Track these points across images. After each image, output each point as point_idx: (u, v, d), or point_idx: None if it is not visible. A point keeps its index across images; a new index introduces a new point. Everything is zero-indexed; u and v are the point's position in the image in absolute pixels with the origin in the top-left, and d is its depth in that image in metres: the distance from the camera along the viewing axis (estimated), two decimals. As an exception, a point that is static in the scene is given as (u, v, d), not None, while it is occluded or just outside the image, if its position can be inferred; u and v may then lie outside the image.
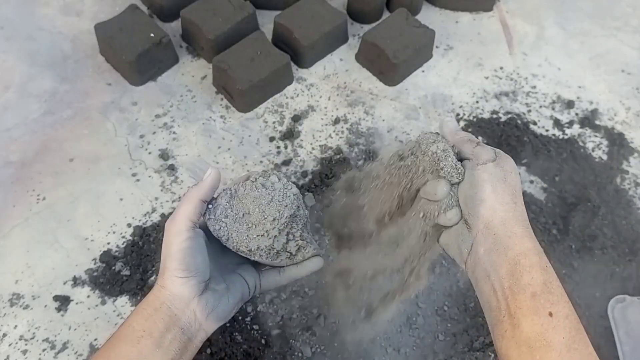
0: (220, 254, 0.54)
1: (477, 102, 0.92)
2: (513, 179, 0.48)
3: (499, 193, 0.47)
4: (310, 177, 0.83)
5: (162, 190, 0.81)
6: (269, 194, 0.53)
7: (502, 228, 0.46)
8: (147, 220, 0.78)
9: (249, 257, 0.53)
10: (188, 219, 0.49)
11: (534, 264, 0.45)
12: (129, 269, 0.74)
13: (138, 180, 0.82)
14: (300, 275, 0.56)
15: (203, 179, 0.51)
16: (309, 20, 0.91)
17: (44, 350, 0.68)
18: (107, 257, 0.74)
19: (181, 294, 0.47)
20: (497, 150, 0.51)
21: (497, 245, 0.45)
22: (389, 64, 0.90)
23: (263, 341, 0.69)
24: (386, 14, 1.02)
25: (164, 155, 0.84)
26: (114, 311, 0.71)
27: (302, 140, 0.87)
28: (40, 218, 0.78)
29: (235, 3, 0.92)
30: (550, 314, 0.43)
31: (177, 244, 0.48)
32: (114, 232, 0.77)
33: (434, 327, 0.71)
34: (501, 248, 0.45)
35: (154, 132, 0.86)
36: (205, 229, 0.52)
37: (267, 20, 0.97)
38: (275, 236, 0.52)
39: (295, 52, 0.92)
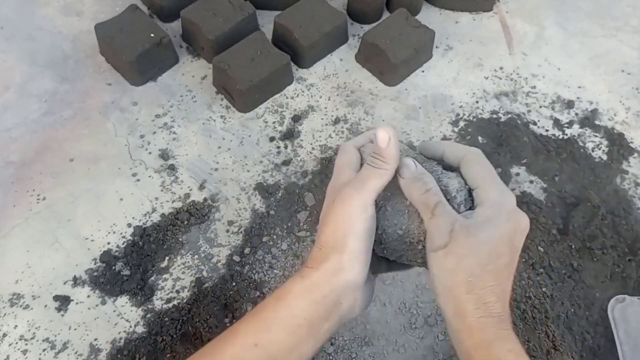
0: None
1: (477, 102, 0.92)
2: (468, 264, 0.41)
3: (448, 287, 0.42)
4: (310, 177, 0.83)
5: (162, 190, 0.81)
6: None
7: (455, 321, 0.43)
8: (147, 220, 0.78)
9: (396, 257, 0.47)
10: (376, 192, 0.43)
11: (483, 357, 0.41)
12: (129, 269, 0.74)
13: (138, 180, 0.82)
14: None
15: (383, 155, 0.43)
16: (309, 21, 0.91)
17: (44, 350, 0.68)
18: (107, 257, 0.74)
19: (355, 281, 0.42)
20: (454, 222, 0.42)
21: (454, 335, 0.44)
22: (389, 64, 0.90)
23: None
24: (386, 14, 1.02)
25: (164, 155, 0.84)
26: (114, 311, 0.71)
27: (302, 140, 0.87)
28: (40, 218, 0.78)
29: (236, 3, 0.92)
30: None
31: (362, 221, 0.42)
32: (114, 232, 0.77)
33: (434, 327, 0.71)
34: (457, 340, 0.43)
35: (154, 132, 0.87)
36: None
37: (267, 21, 0.97)
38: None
39: (295, 52, 0.92)
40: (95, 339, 0.69)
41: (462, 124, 0.89)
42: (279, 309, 0.42)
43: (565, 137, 0.88)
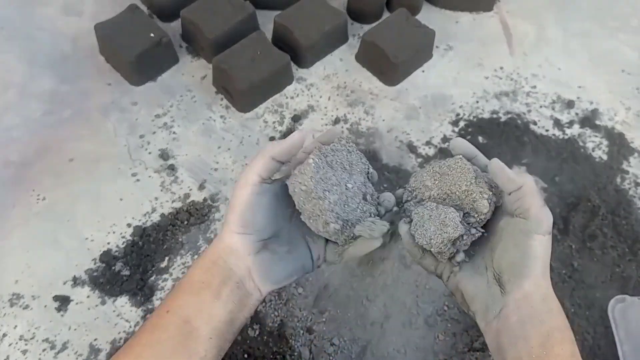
0: (290, 216, 0.52)
1: (477, 102, 0.92)
2: (549, 247, 0.47)
3: (545, 270, 0.47)
4: (310, 177, 0.82)
5: (162, 190, 0.81)
6: (350, 166, 0.51)
7: (542, 303, 0.46)
8: (147, 220, 0.78)
9: (317, 231, 0.49)
10: (256, 173, 0.48)
11: (565, 337, 0.46)
12: (128, 269, 0.74)
13: (138, 180, 0.82)
14: (362, 253, 0.52)
15: (285, 139, 0.49)
16: (309, 20, 0.91)
17: (43, 350, 0.68)
18: (107, 257, 0.74)
19: (236, 249, 0.47)
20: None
21: (533, 318, 0.46)
22: (389, 64, 0.90)
23: (263, 341, 0.69)
24: (386, 14, 1.02)
25: (164, 155, 0.84)
26: (114, 311, 0.71)
27: (302, 140, 0.86)
28: (40, 218, 0.78)
29: (235, 3, 0.92)
30: None
31: (240, 196, 0.47)
32: (113, 232, 0.77)
33: (434, 327, 0.71)
34: (536, 321, 0.46)
35: (154, 132, 0.86)
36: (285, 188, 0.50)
37: (267, 20, 0.97)
38: (352, 211, 0.49)
39: (295, 52, 0.92)
40: (95, 339, 0.69)
41: (462, 123, 0.89)
42: (181, 281, 0.48)
43: (566, 137, 0.88)
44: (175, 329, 0.45)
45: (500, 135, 0.87)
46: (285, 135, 0.86)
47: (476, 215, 0.50)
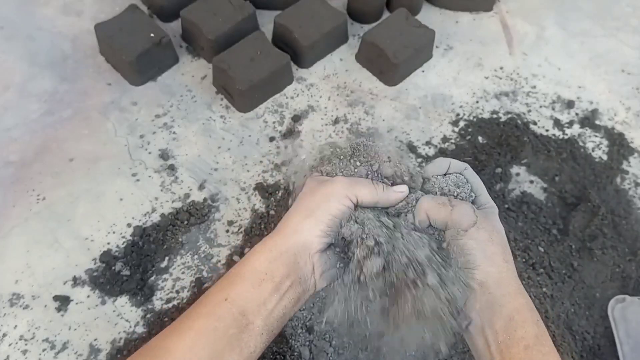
0: None
1: (477, 102, 0.92)
2: (497, 236, 0.50)
3: (489, 256, 0.49)
4: (310, 177, 0.82)
5: (162, 190, 0.81)
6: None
7: (496, 287, 0.48)
8: (147, 220, 0.78)
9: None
10: (362, 198, 0.50)
11: (527, 319, 0.47)
12: (128, 269, 0.73)
13: (138, 180, 0.82)
14: None
15: (391, 192, 0.52)
16: (309, 20, 0.91)
17: (44, 350, 0.68)
18: (107, 257, 0.74)
19: (310, 245, 0.47)
20: (473, 206, 0.51)
21: (492, 303, 0.47)
22: (389, 64, 0.90)
23: (263, 341, 0.69)
24: (386, 14, 1.02)
25: (164, 155, 0.84)
26: (114, 311, 0.71)
27: (302, 140, 0.87)
28: (40, 218, 0.78)
29: (235, 3, 0.92)
30: None
31: (337, 206, 0.48)
32: (113, 232, 0.77)
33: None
34: (496, 306, 0.47)
35: (154, 132, 0.86)
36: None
37: (267, 20, 0.97)
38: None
39: (295, 52, 0.92)
40: (95, 339, 0.69)
41: (462, 123, 0.89)
42: (243, 267, 0.47)
43: (566, 137, 0.88)
44: (232, 320, 0.44)
45: (500, 135, 0.87)
46: (285, 135, 0.87)
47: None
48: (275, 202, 0.80)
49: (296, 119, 0.88)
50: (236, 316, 0.44)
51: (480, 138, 0.87)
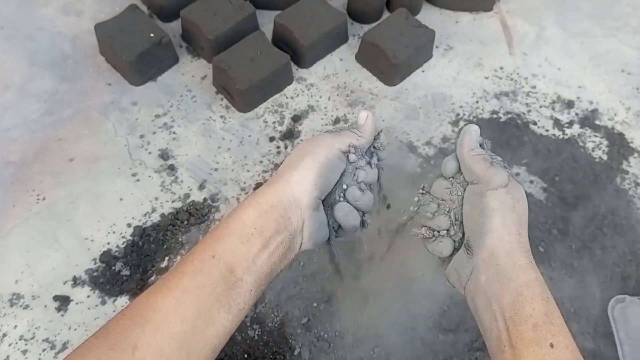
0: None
1: (477, 102, 0.92)
2: (521, 207, 0.48)
3: (507, 223, 0.47)
4: (310, 177, 0.82)
5: (162, 190, 0.81)
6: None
7: (506, 259, 0.46)
8: (147, 220, 0.78)
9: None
10: (348, 146, 0.50)
11: (536, 295, 0.45)
12: (128, 269, 0.74)
13: (138, 180, 0.82)
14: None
15: (361, 129, 0.52)
16: (309, 20, 0.91)
17: (44, 350, 0.68)
18: (107, 257, 0.74)
19: (301, 199, 0.45)
20: (508, 170, 0.51)
21: (500, 275, 0.46)
22: (389, 64, 0.90)
23: (263, 341, 0.69)
24: (386, 14, 1.02)
25: (164, 155, 0.84)
26: (114, 311, 0.71)
27: (302, 140, 0.87)
28: (40, 218, 0.78)
29: (235, 3, 0.92)
30: (552, 345, 0.43)
31: (325, 155, 0.47)
32: (113, 232, 0.77)
33: (434, 328, 0.71)
34: (504, 279, 0.45)
35: (154, 132, 0.87)
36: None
37: (267, 20, 0.97)
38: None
39: (295, 52, 0.92)
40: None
41: (462, 123, 0.89)
42: (231, 221, 0.44)
43: (566, 137, 0.88)
44: (220, 277, 0.42)
45: (500, 136, 0.87)
46: (285, 135, 0.87)
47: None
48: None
49: (296, 119, 0.89)
50: (224, 273, 0.42)
51: (480, 138, 0.87)
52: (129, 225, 0.77)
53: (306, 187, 0.45)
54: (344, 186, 0.50)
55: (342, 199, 0.50)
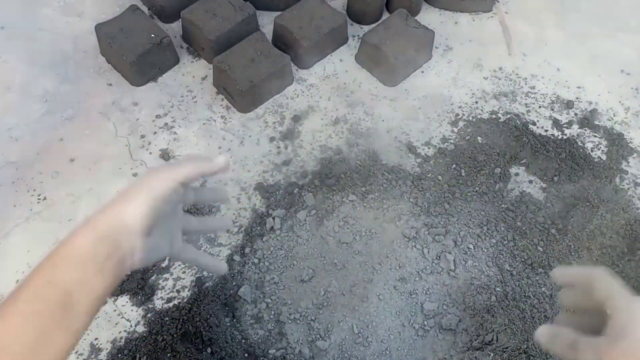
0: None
1: (477, 102, 0.92)
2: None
3: None
4: (310, 177, 0.83)
5: (162, 190, 0.81)
6: None
7: None
8: (147, 220, 0.78)
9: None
10: (184, 177, 0.50)
11: None
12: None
13: (139, 180, 0.82)
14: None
15: (214, 161, 0.51)
16: (309, 21, 0.92)
17: (45, 349, 0.68)
18: (108, 257, 0.74)
19: (132, 227, 0.47)
20: (597, 346, 0.43)
21: None
22: (389, 65, 0.90)
23: (263, 341, 0.70)
24: (386, 15, 1.02)
25: (165, 155, 0.84)
26: (115, 310, 0.71)
27: (302, 140, 0.87)
28: (41, 218, 0.78)
29: (236, 4, 0.92)
30: None
31: (159, 188, 0.48)
32: (114, 232, 0.77)
33: (434, 327, 0.71)
34: None
35: (155, 133, 0.87)
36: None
37: (267, 21, 0.98)
38: None
39: (295, 52, 0.93)
40: (96, 339, 0.69)
41: (461, 124, 0.89)
42: (66, 248, 0.47)
43: (565, 137, 0.89)
44: (57, 301, 0.44)
45: (500, 136, 0.87)
46: (285, 135, 0.87)
47: None
48: (275, 202, 0.80)
49: (296, 119, 0.89)
50: (60, 297, 0.44)
51: (479, 138, 0.88)
52: (129, 225, 0.78)
53: (138, 217, 0.47)
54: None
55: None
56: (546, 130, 0.89)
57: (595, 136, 0.89)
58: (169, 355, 0.68)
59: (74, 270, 0.45)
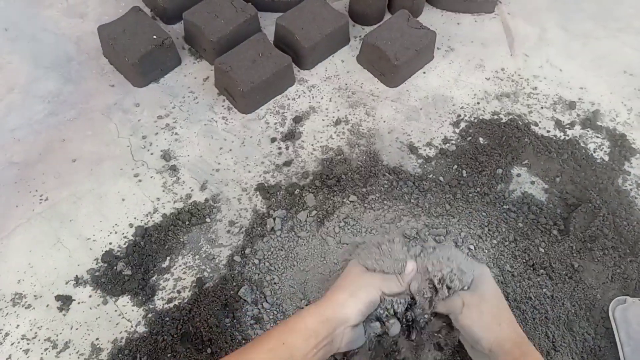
0: None
1: (478, 103, 0.92)
2: (487, 305, 0.62)
3: (484, 327, 0.60)
4: (311, 177, 0.83)
5: (163, 191, 0.81)
6: None
7: (498, 349, 0.59)
8: (148, 221, 0.78)
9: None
10: (387, 290, 0.64)
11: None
12: (130, 269, 0.74)
13: (140, 180, 0.82)
14: None
15: (403, 279, 0.65)
16: (311, 22, 0.92)
17: (45, 349, 0.68)
18: (109, 257, 0.75)
19: (350, 319, 0.60)
20: (459, 295, 0.63)
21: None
22: (390, 66, 0.90)
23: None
24: (387, 16, 1.02)
25: (166, 156, 0.85)
26: (116, 311, 0.71)
27: (303, 141, 0.87)
28: (43, 218, 0.78)
29: (238, 5, 0.93)
30: None
31: (374, 293, 0.62)
32: (115, 232, 0.77)
33: (434, 327, 0.71)
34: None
35: (157, 133, 0.87)
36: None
37: (268, 22, 0.98)
38: None
39: (296, 53, 0.93)
40: (97, 339, 0.69)
41: (463, 125, 0.89)
42: (297, 323, 0.59)
43: (567, 138, 0.88)
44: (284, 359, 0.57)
45: (501, 137, 0.87)
46: (286, 136, 0.87)
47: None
48: (276, 203, 0.80)
49: (297, 120, 0.89)
50: (287, 357, 0.57)
51: (481, 139, 0.87)
52: (130, 225, 0.78)
53: (355, 313, 0.61)
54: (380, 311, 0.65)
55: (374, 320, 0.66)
56: (548, 131, 0.89)
57: (597, 137, 0.88)
58: (169, 355, 0.68)
59: (301, 340, 0.58)
